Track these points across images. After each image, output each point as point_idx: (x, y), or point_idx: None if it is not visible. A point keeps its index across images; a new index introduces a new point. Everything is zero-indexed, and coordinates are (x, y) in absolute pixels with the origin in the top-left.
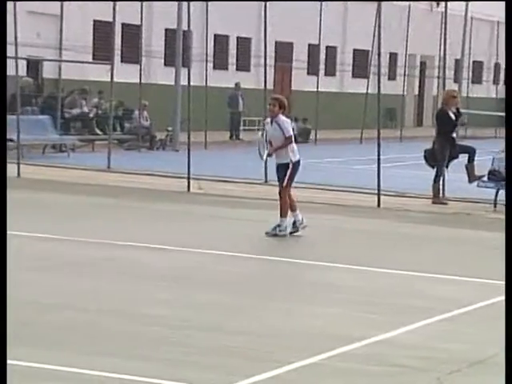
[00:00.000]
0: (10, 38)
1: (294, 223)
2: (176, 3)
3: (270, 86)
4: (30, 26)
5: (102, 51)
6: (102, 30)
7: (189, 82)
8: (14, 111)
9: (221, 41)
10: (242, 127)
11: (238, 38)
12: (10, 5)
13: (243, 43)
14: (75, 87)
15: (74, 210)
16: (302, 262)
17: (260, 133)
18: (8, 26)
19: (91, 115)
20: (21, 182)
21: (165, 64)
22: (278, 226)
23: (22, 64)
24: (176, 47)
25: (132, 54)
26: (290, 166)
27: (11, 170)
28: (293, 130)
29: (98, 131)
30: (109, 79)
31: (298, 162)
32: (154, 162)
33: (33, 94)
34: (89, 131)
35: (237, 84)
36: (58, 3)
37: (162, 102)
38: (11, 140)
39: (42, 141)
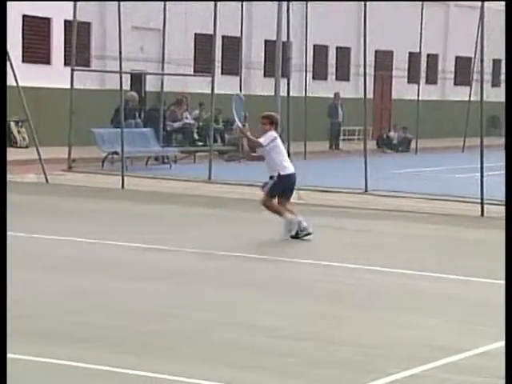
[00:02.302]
0: (114, 52)
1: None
2: (275, 15)
3: (369, 95)
4: (134, 41)
5: (202, 64)
6: (202, 43)
7: (288, 93)
8: (118, 124)
9: (320, 51)
10: (341, 137)
11: (337, 47)
12: (115, 21)
13: (342, 53)
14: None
15: (178, 220)
16: (408, 272)
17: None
18: (113, 40)
19: (191, 126)
20: (125, 194)
21: (264, 75)
22: (289, 224)
23: (126, 78)
24: (275, 58)
25: (232, 65)
26: (275, 178)
27: (115, 181)
28: (285, 144)
29: (199, 143)
30: (209, 91)
31: (288, 175)
32: (254, 173)
33: (136, 107)
34: (190, 143)
35: (336, 94)
36: (161, 18)
37: (261, 112)
38: (116, 153)
39: (145, 153)
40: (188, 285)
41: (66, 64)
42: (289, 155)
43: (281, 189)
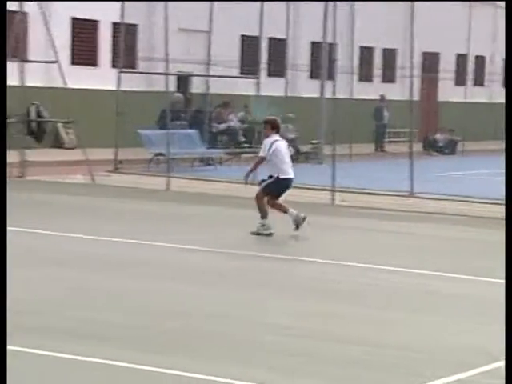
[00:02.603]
0: (161, 54)
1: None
2: (322, 17)
3: (415, 97)
4: (181, 43)
5: (248, 65)
6: (248, 45)
7: (334, 95)
8: (164, 126)
9: (366, 53)
10: (386, 139)
11: (383, 49)
12: (161, 23)
13: (388, 54)
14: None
15: (223, 222)
16: (453, 276)
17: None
18: (159, 42)
19: (237, 128)
20: (170, 195)
21: (310, 77)
22: (262, 225)
23: (173, 80)
24: (321, 60)
25: (278, 67)
26: (274, 178)
27: (161, 183)
28: (297, 150)
29: (244, 144)
30: (255, 93)
31: (285, 179)
32: (299, 175)
33: (182, 109)
34: (235, 145)
35: (382, 96)
36: (208, 20)
37: (306, 114)
38: (161, 154)
39: (191, 154)
40: (226, 285)
41: (113, 66)
42: (334, 157)
43: (276, 189)
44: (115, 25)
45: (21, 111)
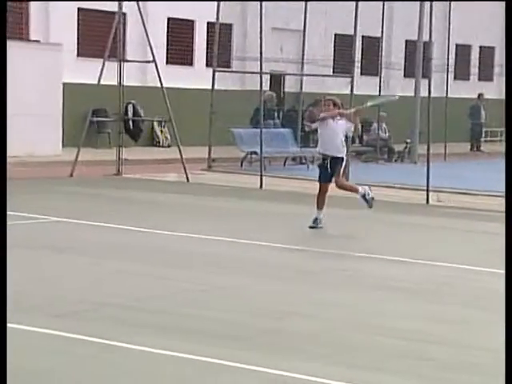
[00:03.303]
0: (255, 53)
1: (316, 220)
2: (417, 14)
3: None
4: (274, 42)
5: (342, 64)
6: (342, 44)
7: (429, 93)
8: (257, 125)
9: (462, 50)
10: (483, 138)
11: (480, 47)
12: (255, 22)
13: (486, 52)
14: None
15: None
16: None
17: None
18: (253, 41)
19: None
20: (263, 194)
21: (404, 75)
22: (316, 219)
23: (266, 79)
24: (416, 58)
25: (372, 66)
26: (343, 161)
27: (254, 181)
28: None
29: None
30: (349, 92)
31: (343, 158)
32: (392, 174)
33: (275, 108)
34: None
35: (479, 94)
36: (301, 19)
37: (400, 113)
38: (254, 152)
39: (283, 153)
40: (317, 284)
41: (207, 65)
42: (428, 157)
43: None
44: (210, 24)
45: (118, 110)
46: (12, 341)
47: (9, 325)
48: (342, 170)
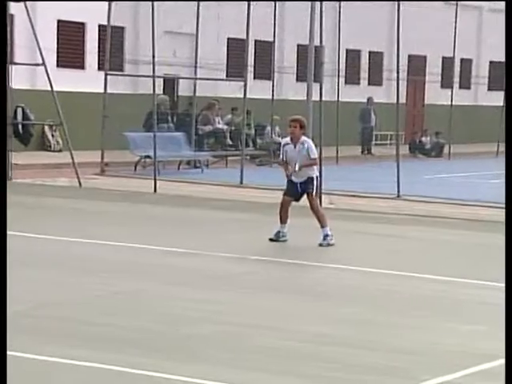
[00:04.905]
0: (147, 57)
1: (278, 233)
2: (308, 19)
3: (402, 99)
4: (167, 45)
5: (235, 68)
6: (235, 48)
7: (320, 97)
8: (150, 128)
9: (353, 55)
10: (373, 142)
11: (369, 52)
12: (148, 25)
13: (375, 57)
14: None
15: (210, 224)
16: (438, 278)
17: (280, 157)
18: (146, 45)
19: (223, 131)
20: (157, 198)
21: (297, 79)
22: (326, 235)
23: (159, 82)
24: (308, 63)
25: (264, 70)
26: (315, 180)
27: (148, 185)
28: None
29: (231, 147)
30: (242, 96)
31: (317, 177)
32: (285, 178)
33: (168, 112)
34: (222, 147)
35: (369, 98)
36: (194, 23)
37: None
38: (148, 156)
39: (177, 157)
40: (220, 289)
41: (99, 68)
42: (320, 160)
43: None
44: (102, 27)
45: (7, 114)
46: None
47: None
48: (314, 190)
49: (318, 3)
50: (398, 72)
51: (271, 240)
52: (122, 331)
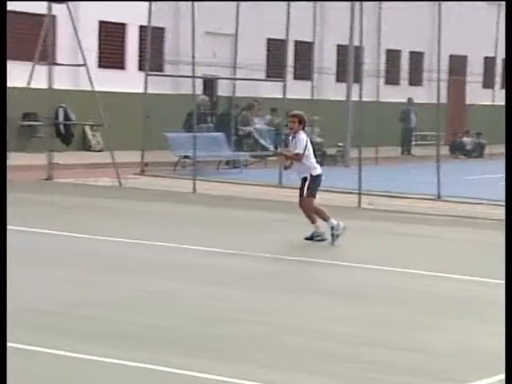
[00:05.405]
0: (187, 57)
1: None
2: (348, 19)
3: (443, 100)
4: (207, 46)
5: (274, 69)
6: (275, 48)
7: (360, 98)
8: (190, 129)
9: (393, 56)
10: (413, 142)
11: (410, 52)
12: (188, 26)
13: (416, 57)
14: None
15: (249, 225)
16: (481, 280)
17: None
18: (186, 46)
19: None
20: (196, 198)
21: (336, 80)
22: (332, 228)
23: (199, 83)
24: (348, 63)
25: (304, 70)
26: (309, 178)
27: (187, 185)
28: (313, 148)
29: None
30: (281, 96)
31: (318, 176)
32: (325, 178)
33: (208, 112)
34: (261, 148)
35: (409, 99)
36: (234, 23)
37: (333, 117)
38: (188, 157)
39: (216, 157)
40: (257, 289)
41: (140, 69)
42: (360, 161)
43: (316, 189)
44: (142, 28)
45: (49, 114)
46: None
47: None
48: (306, 189)
49: (357, 3)
50: (438, 72)
51: (307, 239)
52: (159, 331)
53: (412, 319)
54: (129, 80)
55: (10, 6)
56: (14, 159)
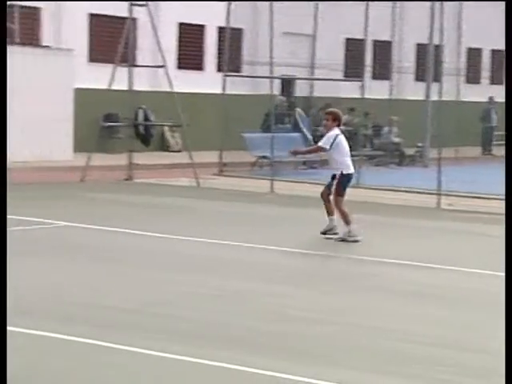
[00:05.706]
0: (265, 58)
1: (328, 230)
2: (427, 18)
3: None
4: (285, 46)
5: (353, 68)
6: (353, 48)
7: (440, 97)
8: (268, 129)
9: (474, 54)
10: (494, 142)
11: (491, 50)
12: (266, 27)
13: (497, 56)
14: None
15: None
16: None
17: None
18: (264, 46)
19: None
20: (274, 198)
21: (416, 79)
22: (348, 231)
23: (277, 83)
24: (427, 62)
25: (383, 70)
26: (337, 176)
27: (265, 185)
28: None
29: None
30: (360, 96)
31: (348, 175)
32: (404, 178)
33: (286, 112)
34: None
35: (490, 98)
36: (312, 24)
37: (411, 117)
38: (265, 157)
39: (294, 157)
40: (326, 289)
41: (218, 70)
42: (439, 161)
43: (345, 187)
44: (220, 29)
45: (129, 115)
46: (26, 345)
47: (22, 330)
48: (338, 189)
49: (438, 2)
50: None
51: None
52: (229, 329)
53: (484, 320)
54: (207, 81)
55: (92, 10)
56: (94, 159)
